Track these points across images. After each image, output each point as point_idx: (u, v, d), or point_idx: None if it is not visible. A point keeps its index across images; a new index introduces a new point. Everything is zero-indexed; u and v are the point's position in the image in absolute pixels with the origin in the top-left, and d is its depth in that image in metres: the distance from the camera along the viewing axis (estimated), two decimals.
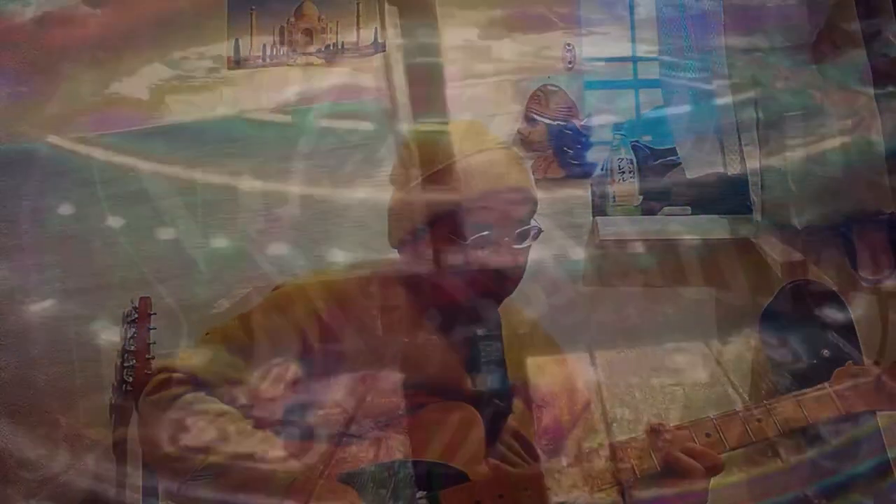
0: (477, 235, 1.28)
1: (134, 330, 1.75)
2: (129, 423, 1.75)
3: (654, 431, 1.24)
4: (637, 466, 1.20)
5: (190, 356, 1.29)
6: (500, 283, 1.33)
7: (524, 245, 1.33)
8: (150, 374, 1.67)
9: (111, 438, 1.76)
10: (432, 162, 1.32)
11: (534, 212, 1.35)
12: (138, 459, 1.67)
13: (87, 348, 1.82)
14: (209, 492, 1.15)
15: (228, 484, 1.15)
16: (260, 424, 1.22)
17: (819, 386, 1.27)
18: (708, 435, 1.22)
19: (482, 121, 1.75)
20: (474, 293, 1.31)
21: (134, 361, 1.72)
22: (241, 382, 1.24)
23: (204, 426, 1.18)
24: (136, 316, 1.76)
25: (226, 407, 1.21)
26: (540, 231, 1.35)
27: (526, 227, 1.33)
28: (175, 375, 1.24)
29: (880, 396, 1.26)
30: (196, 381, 1.23)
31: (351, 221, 1.90)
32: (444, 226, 1.30)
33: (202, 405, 1.20)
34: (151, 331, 1.75)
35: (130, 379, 1.72)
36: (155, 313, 1.77)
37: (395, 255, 1.43)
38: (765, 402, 1.25)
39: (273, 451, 1.18)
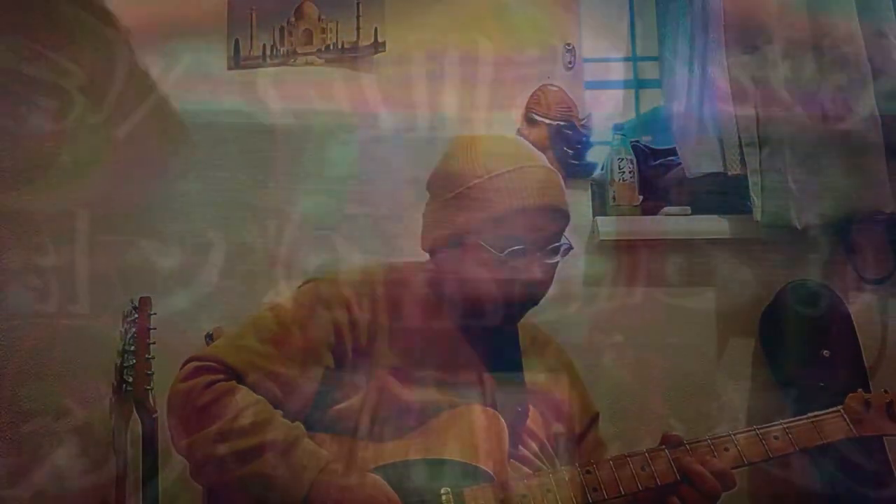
0: (511, 249, 1.29)
1: (134, 330, 1.75)
2: (129, 423, 1.75)
3: (673, 443, 1.25)
4: (658, 475, 1.22)
5: (222, 346, 1.30)
6: (526, 295, 1.35)
7: (554, 261, 1.35)
8: (150, 375, 1.70)
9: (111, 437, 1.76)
10: (471, 174, 1.33)
11: (565, 228, 1.37)
12: (138, 458, 1.67)
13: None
14: (238, 475, 1.17)
15: (258, 471, 1.16)
16: (290, 415, 1.23)
17: (833, 409, 1.32)
18: (726, 450, 1.25)
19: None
20: (500, 303, 1.33)
21: (134, 361, 1.72)
22: (273, 373, 1.25)
23: (238, 413, 1.18)
24: (136, 316, 1.76)
25: (257, 396, 1.22)
26: (570, 248, 1.37)
27: (557, 245, 1.35)
28: (207, 364, 1.25)
29: (891, 422, 1.33)
30: (228, 370, 1.24)
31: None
32: (479, 237, 1.31)
33: (235, 394, 1.21)
34: (151, 331, 1.75)
35: (130, 379, 1.72)
36: (155, 313, 1.77)
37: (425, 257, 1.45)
38: (782, 421, 1.28)
39: (303, 440, 1.19)
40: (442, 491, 1.19)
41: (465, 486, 1.20)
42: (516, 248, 1.29)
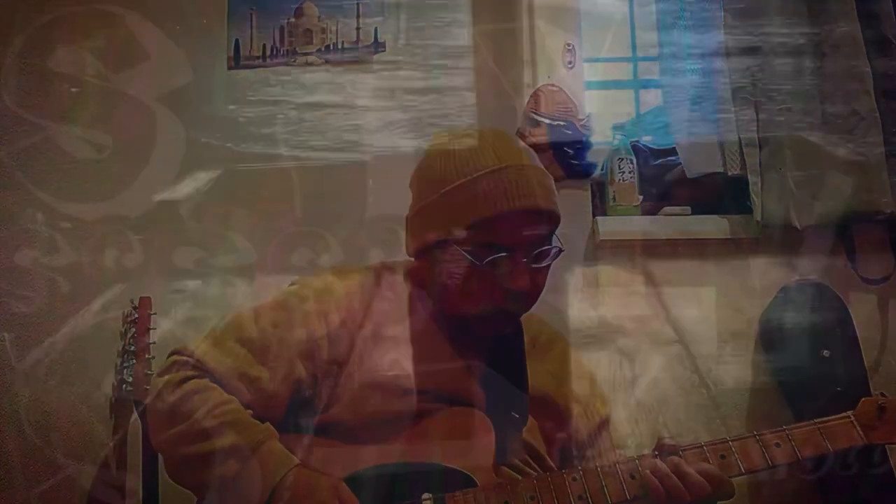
0: (492, 258, 1.22)
1: (134, 330, 1.75)
2: (128, 424, 1.75)
3: (665, 448, 1.19)
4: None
5: (202, 342, 1.28)
6: (514, 302, 1.28)
7: (542, 265, 1.27)
8: (150, 375, 1.70)
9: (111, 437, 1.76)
10: (450, 176, 1.26)
11: (554, 230, 1.28)
12: (138, 458, 1.67)
13: None
14: (206, 477, 1.16)
15: (227, 472, 1.14)
16: (262, 418, 1.21)
17: (843, 415, 1.21)
18: (722, 457, 1.17)
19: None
20: (488, 310, 1.27)
21: (134, 361, 1.72)
22: (245, 375, 1.24)
23: (205, 413, 1.17)
24: (136, 316, 1.76)
25: (228, 397, 1.21)
26: (560, 251, 1.28)
27: (545, 248, 1.26)
28: (185, 359, 1.24)
29: None
30: (204, 368, 1.23)
31: None
32: (459, 244, 1.24)
33: (205, 393, 1.20)
34: (151, 331, 1.75)
35: (130, 379, 1.72)
36: (155, 313, 1.77)
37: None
38: (784, 427, 1.20)
39: (269, 443, 1.17)
40: (423, 497, 1.15)
41: (447, 492, 1.16)
42: (497, 256, 1.22)
